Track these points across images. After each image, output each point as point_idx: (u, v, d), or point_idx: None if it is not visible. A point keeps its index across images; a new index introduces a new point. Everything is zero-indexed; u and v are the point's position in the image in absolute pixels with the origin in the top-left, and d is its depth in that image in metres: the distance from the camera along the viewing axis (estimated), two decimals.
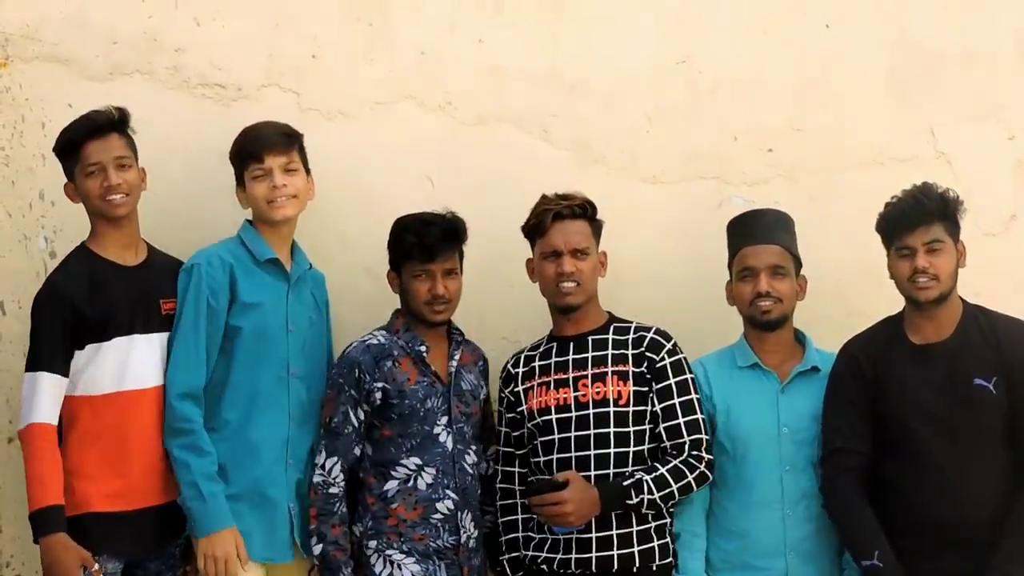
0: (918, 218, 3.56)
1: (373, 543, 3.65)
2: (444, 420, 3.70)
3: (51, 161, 3.77)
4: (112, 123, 3.56)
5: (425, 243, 3.67)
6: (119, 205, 3.54)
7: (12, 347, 3.94)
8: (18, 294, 3.93)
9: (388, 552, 3.64)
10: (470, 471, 3.73)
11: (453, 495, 3.67)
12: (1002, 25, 4.39)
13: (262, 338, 3.62)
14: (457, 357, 3.78)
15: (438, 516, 3.66)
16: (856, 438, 3.60)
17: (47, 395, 3.44)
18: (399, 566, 3.63)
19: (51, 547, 3.38)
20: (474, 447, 3.77)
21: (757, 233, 3.79)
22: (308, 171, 3.78)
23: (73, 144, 3.53)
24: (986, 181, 4.09)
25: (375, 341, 3.72)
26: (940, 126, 4.33)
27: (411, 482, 3.66)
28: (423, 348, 3.72)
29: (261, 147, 3.66)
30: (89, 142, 3.52)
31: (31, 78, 3.96)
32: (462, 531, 3.67)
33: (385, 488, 3.66)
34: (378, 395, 3.64)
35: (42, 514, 3.40)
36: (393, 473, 3.67)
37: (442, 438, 3.69)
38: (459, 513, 3.67)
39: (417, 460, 3.66)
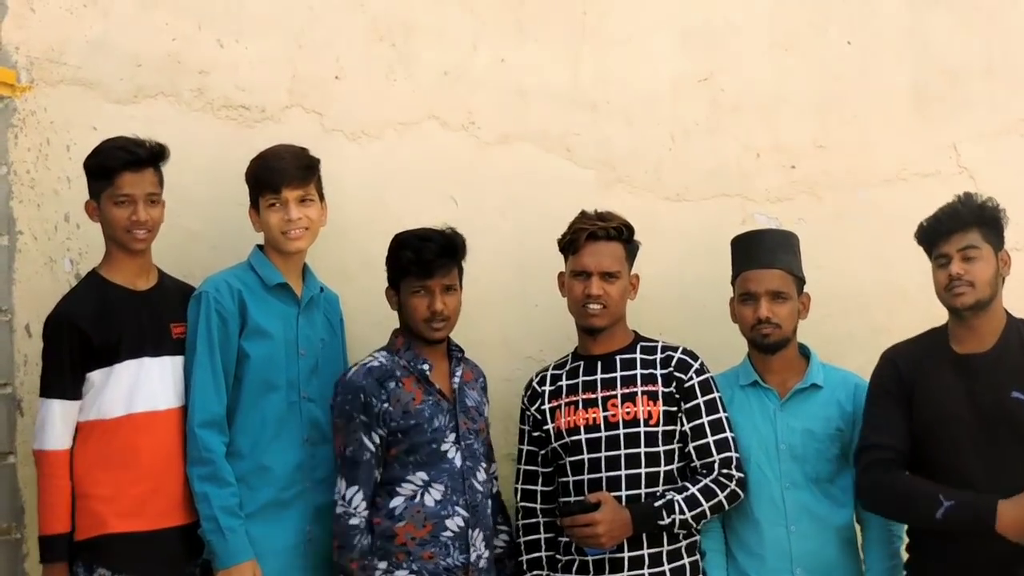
0: (952, 224, 3.53)
1: (383, 564, 3.54)
2: (452, 437, 3.63)
3: (76, 184, 3.78)
4: (151, 158, 3.58)
5: (423, 259, 3.60)
6: (141, 240, 3.58)
7: (39, 369, 3.93)
8: (44, 316, 3.88)
9: (397, 573, 3.53)
10: (480, 488, 3.65)
11: (463, 512, 3.59)
12: None
13: (271, 364, 3.61)
14: (459, 374, 3.73)
15: (448, 534, 3.57)
16: (892, 434, 3.53)
17: (59, 422, 3.48)
18: None
19: (53, 574, 3.48)
20: (484, 465, 3.70)
21: (758, 256, 3.78)
22: (323, 198, 3.75)
23: (107, 170, 3.54)
24: (1010, 196, 4.00)
25: (376, 363, 3.63)
26: (963, 141, 4.34)
27: (417, 498, 3.56)
28: (426, 367, 3.64)
29: (279, 180, 3.62)
30: (125, 172, 3.53)
31: (56, 101, 3.96)
32: (472, 550, 3.60)
33: (392, 506, 3.56)
34: (388, 416, 3.55)
35: (50, 540, 3.48)
36: (399, 490, 3.57)
37: (451, 455, 3.62)
38: (469, 531, 3.60)
39: (424, 476, 3.58)
